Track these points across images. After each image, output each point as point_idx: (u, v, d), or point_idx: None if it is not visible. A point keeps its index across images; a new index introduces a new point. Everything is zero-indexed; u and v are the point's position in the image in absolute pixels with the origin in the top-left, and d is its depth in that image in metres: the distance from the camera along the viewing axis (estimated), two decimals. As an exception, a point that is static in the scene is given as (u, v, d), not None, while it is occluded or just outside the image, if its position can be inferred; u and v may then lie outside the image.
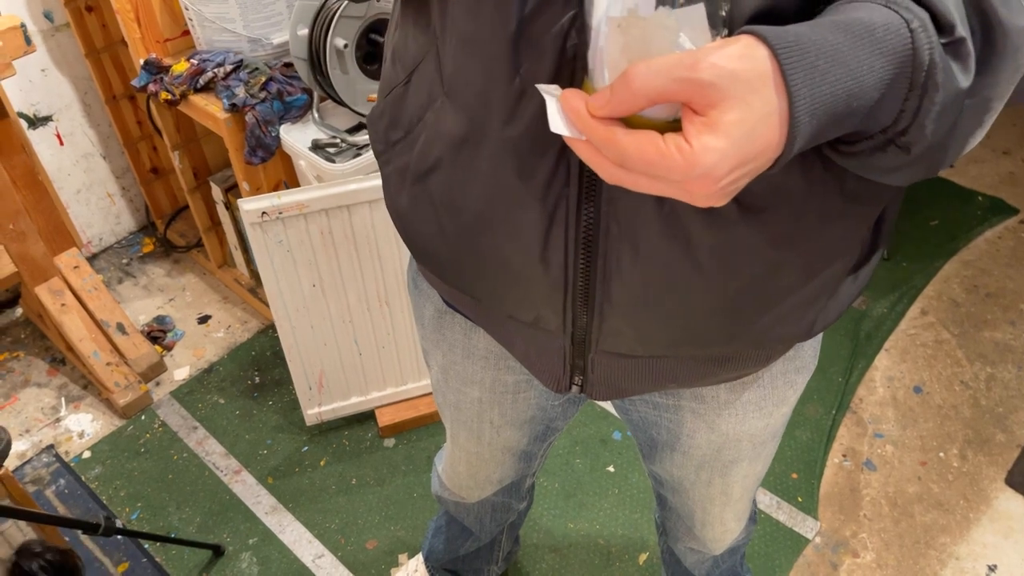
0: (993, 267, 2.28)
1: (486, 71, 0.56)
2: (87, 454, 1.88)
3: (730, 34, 0.45)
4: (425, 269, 0.80)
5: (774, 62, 0.42)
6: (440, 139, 0.63)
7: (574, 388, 0.77)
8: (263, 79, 1.68)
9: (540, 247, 0.62)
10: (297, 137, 1.69)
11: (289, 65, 1.74)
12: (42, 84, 2.06)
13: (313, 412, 1.84)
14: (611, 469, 1.81)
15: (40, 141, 2.10)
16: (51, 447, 1.90)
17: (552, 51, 0.52)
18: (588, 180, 0.58)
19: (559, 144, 0.57)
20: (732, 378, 0.77)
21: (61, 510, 1.80)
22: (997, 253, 2.32)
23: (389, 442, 1.88)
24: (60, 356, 2.09)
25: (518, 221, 0.61)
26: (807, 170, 0.55)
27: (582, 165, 0.57)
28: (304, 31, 1.58)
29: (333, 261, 1.63)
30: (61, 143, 2.15)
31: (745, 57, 0.42)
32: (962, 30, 0.44)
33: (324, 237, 1.59)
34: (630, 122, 0.45)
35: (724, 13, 0.45)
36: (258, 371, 2.04)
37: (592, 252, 0.61)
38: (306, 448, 1.87)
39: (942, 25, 0.45)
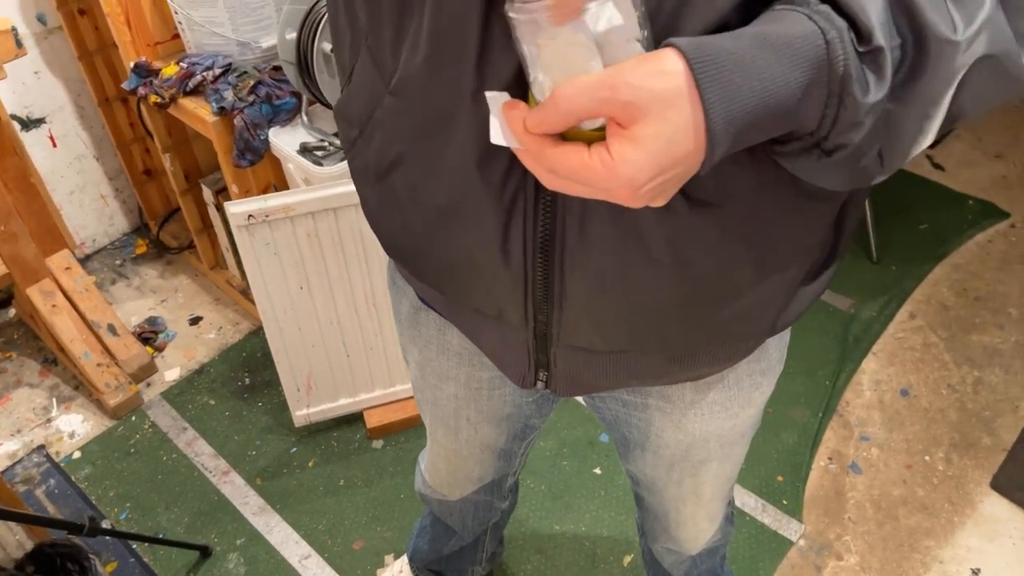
0: (983, 271, 2.29)
1: (451, 66, 0.56)
2: (77, 454, 1.89)
3: (658, 43, 0.47)
4: (398, 264, 0.81)
5: (690, 76, 0.44)
6: (398, 134, 0.64)
7: (539, 384, 0.78)
8: (252, 82, 1.69)
9: (500, 240, 0.63)
10: (286, 140, 1.70)
11: (278, 68, 1.75)
12: (35, 86, 2.07)
13: (301, 414, 1.85)
14: (598, 471, 1.82)
15: (33, 143, 2.11)
16: (42, 447, 1.91)
17: (512, 53, 0.53)
18: None
19: None
20: (695, 377, 0.78)
21: (51, 510, 1.82)
22: (987, 257, 2.33)
23: (377, 443, 1.89)
24: (52, 357, 2.10)
25: (479, 213, 0.63)
26: (758, 165, 0.56)
27: None
28: (292, 35, 1.60)
29: (320, 263, 1.64)
30: (54, 145, 2.16)
31: (663, 74, 0.44)
32: (880, 39, 0.46)
33: (311, 240, 1.60)
34: (565, 132, 0.48)
35: (639, 17, 0.46)
36: (248, 372, 2.05)
37: (550, 245, 0.63)
38: (295, 449, 1.88)
39: (861, 33, 0.46)
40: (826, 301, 2.19)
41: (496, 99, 0.50)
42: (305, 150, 1.68)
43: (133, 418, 1.95)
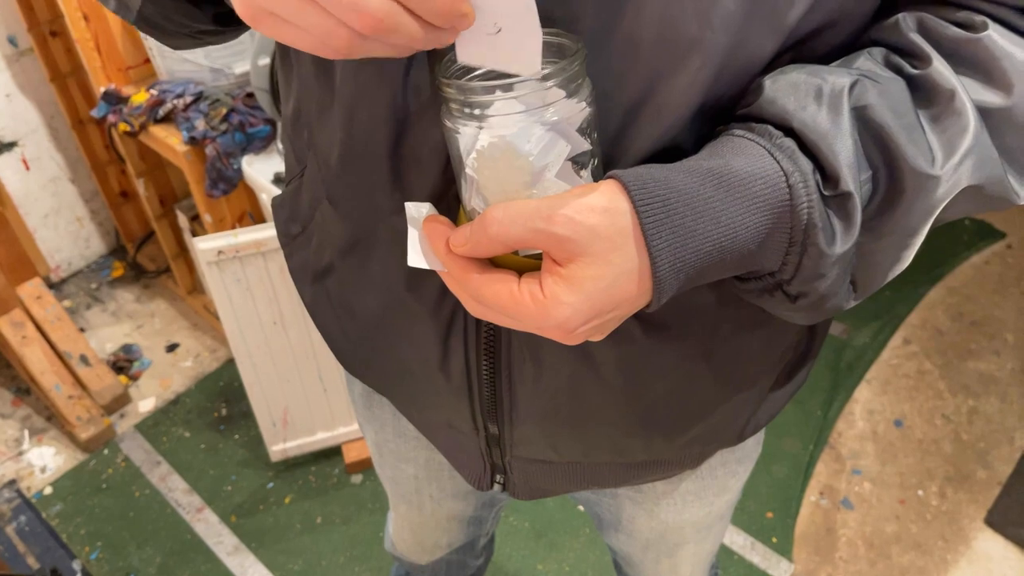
0: (979, 294, 2.24)
1: (367, 181, 0.52)
2: (48, 490, 1.84)
3: (605, 167, 0.42)
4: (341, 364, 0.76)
5: (635, 218, 0.39)
6: (330, 242, 0.59)
7: (496, 486, 0.73)
8: (224, 111, 1.64)
9: (439, 357, 0.58)
10: (260, 169, 1.65)
11: (251, 95, 1.69)
12: (7, 110, 2.01)
13: (278, 448, 1.80)
14: (582, 508, 1.77)
15: (5, 167, 2.06)
16: (13, 482, 1.86)
17: (434, 166, 0.48)
18: None
19: None
20: (662, 478, 0.73)
21: (21, 548, 1.76)
22: (983, 279, 2.28)
23: (356, 478, 1.84)
24: (25, 386, 2.05)
25: (413, 330, 0.58)
26: (717, 286, 0.51)
27: None
28: (265, 61, 1.54)
29: (294, 297, 1.59)
30: (27, 168, 2.11)
31: (606, 211, 0.39)
32: (850, 184, 0.40)
33: (284, 274, 1.55)
34: (495, 257, 0.43)
35: (588, 147, 0.41)
36: (225, 402, 2.00)
37: (495, 362, 0.57)
38: (271, 484, 1.83)
39: (827, 176, 0.41)
40: (818, 326, 2.14)
41: (417, 212, 0.44)
42: (279, 180, 1.63)
43: (105, 451, 1.90)
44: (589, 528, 1.74)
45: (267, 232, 1.48)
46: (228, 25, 0.55)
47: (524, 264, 0.42)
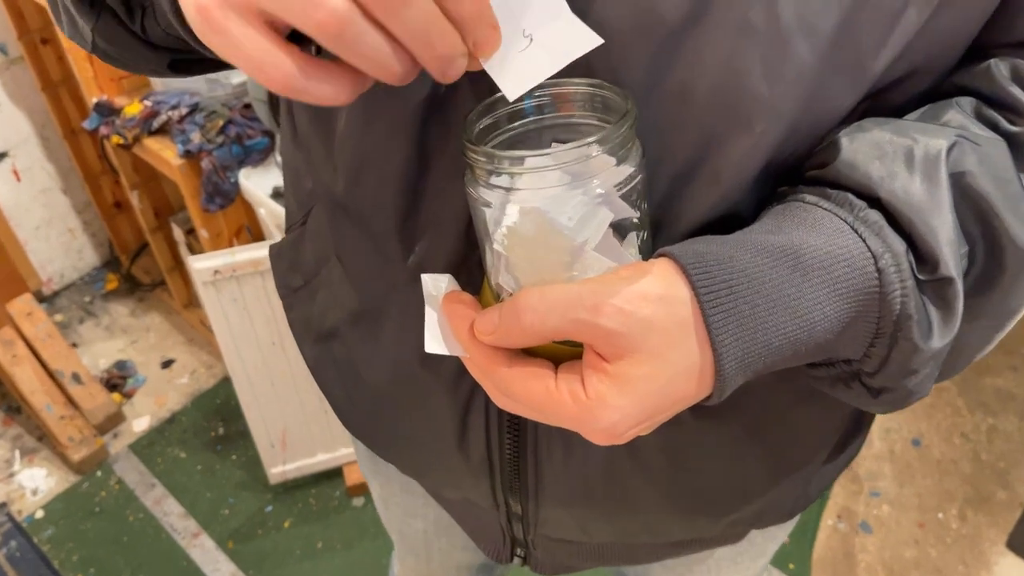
0: (994, 306, 2.19)
1: (376, 244, 0.46)
2: (40, 513, 1.78)
3: (654, 240, 0.36)
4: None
5: (697, 308, 0.33)
6: (337, 305, 0.53)
7: (516, 559, 0.68)
8: (221, 122, 1.58)
9: (456, 435, 0.52)
10: (258, 183, 1.59)
11: (249, 107, 1.64)
12: (-4, 119, 1.96)
13: (277, 471, 1.74)
14: (591, 532, 1.72)
15: (-6, 178, 2.00)
16: (3, 505, 1.79)
17: (454, 227, 0.43)
18: None
19: None
20: (697, 551, 0.67)
21: (12, 575, 1.71)
22: (998, 291, 2.23)
23: (358, 501, 1.78)
24: (16, 405, 1.99)
25: (428, 406, 0.52)
26: None
27: None
28: (264, 72, 1.49)
29: (294, 318, 1.53)
30: (18, 179, 2.05)
31: (661, 299, 0.33)
32: (951, 269, 0.34)
33: (283, 294, 1.49)
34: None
35: (637, 219, 0.35)
36: (222, 421, 1.94)
37: (520, 439, 0.51)
38: (270, 508, 1.77)
39: (923, 257, 0.35)
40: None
41: (435, 288, 0.38)
42: (278, 194, 1.57)
43: (98, 473, 1.84)
44: (599, 553, 1.69)
45: (265, 251, 1.42)
46: (185, 72, 0.49)
47: (560, 352, 0.36)
